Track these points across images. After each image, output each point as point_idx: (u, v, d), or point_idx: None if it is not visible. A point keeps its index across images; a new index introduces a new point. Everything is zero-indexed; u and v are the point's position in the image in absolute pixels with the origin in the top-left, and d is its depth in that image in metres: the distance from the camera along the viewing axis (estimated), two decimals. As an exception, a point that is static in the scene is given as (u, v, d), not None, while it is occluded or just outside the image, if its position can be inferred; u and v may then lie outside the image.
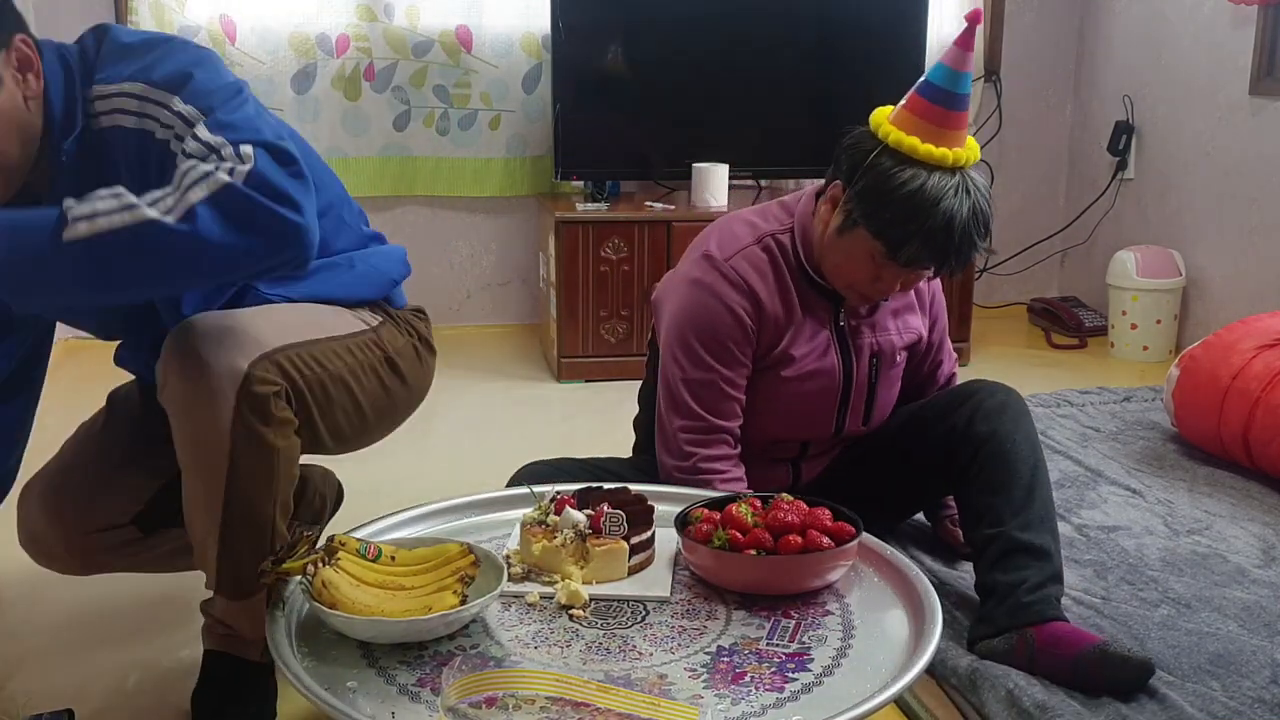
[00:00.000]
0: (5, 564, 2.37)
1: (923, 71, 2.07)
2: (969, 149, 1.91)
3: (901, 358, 2.16)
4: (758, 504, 1.68)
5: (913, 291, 2.15)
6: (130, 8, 3.75)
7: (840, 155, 1.97)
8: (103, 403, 1.98)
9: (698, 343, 2.01)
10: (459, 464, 2.99)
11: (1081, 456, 2.90)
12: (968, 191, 1.88)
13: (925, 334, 2.19)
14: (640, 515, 1.67)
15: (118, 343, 1.90)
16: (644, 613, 1.56)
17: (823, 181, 2.02)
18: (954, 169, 1.88)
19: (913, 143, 1.87)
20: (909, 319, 2.16)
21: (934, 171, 1.87)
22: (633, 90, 3.88)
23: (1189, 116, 3.97)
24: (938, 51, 4.24)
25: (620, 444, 2.36)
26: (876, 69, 3.93)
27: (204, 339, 1.56)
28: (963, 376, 2.33)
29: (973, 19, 1.89)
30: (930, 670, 1.78)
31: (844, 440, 2.20)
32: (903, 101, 1.93)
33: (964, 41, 1.88)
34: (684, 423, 2.03)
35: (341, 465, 2.95)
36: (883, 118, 1.93)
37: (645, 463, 2.17)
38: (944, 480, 2.07)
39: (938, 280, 2.21)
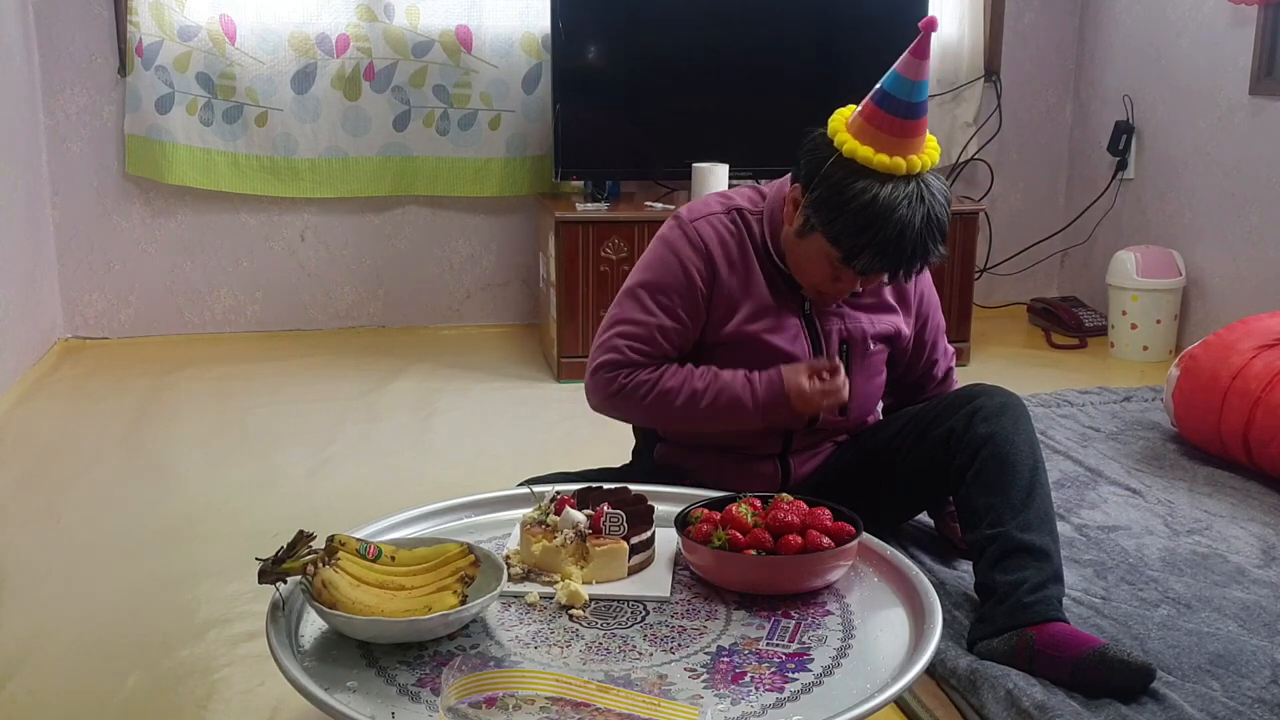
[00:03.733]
0: (5, 566, 2.38)
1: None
2: (927, 153, 1.89)
3: (876, 348, 2.15)
4: (758, 504, 1.68)
5: (892, 290, 2.15)
6: (130, 8, 3.75)
7: (799, 158, 1.97)
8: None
9: (645, 289, 2.06)
10: (459, 464, 2.99)
11: (1081, 456, 2.90)
12: (922, 199, 1.87)
13: (906, 331, 2.18)
14: (640, 515, 1.68)
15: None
16: (644, 613, 1.56)
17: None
18: (909, 176, 1.87)
19: (866, 153, 1.86)
20: (884, 314, 2.16)
21: (887, 182, 1.86)
22: (633, 90, 3.88)
23: (1189, 116, 3.97)
24: (935, 51, 4.24)
25: (619, 445, 2.36)
26: (876, 69, 3.91)
27: None
28: (963, 376, 2.33)
29: (927, 26, 1.84)
30: (930, 670, 1.79)
31: (828, 433, 2.19)
32: (859, 108, 1.91)
33: (919, 50, 1.85)
34: (607, 358, 2.06)
35: (341, 465, 2.97)
36: (841, 123, 1.92)
37: (642, 468, 2.18)
38: (944, 482, 2.07)
39: (927, 278, 2.21)
